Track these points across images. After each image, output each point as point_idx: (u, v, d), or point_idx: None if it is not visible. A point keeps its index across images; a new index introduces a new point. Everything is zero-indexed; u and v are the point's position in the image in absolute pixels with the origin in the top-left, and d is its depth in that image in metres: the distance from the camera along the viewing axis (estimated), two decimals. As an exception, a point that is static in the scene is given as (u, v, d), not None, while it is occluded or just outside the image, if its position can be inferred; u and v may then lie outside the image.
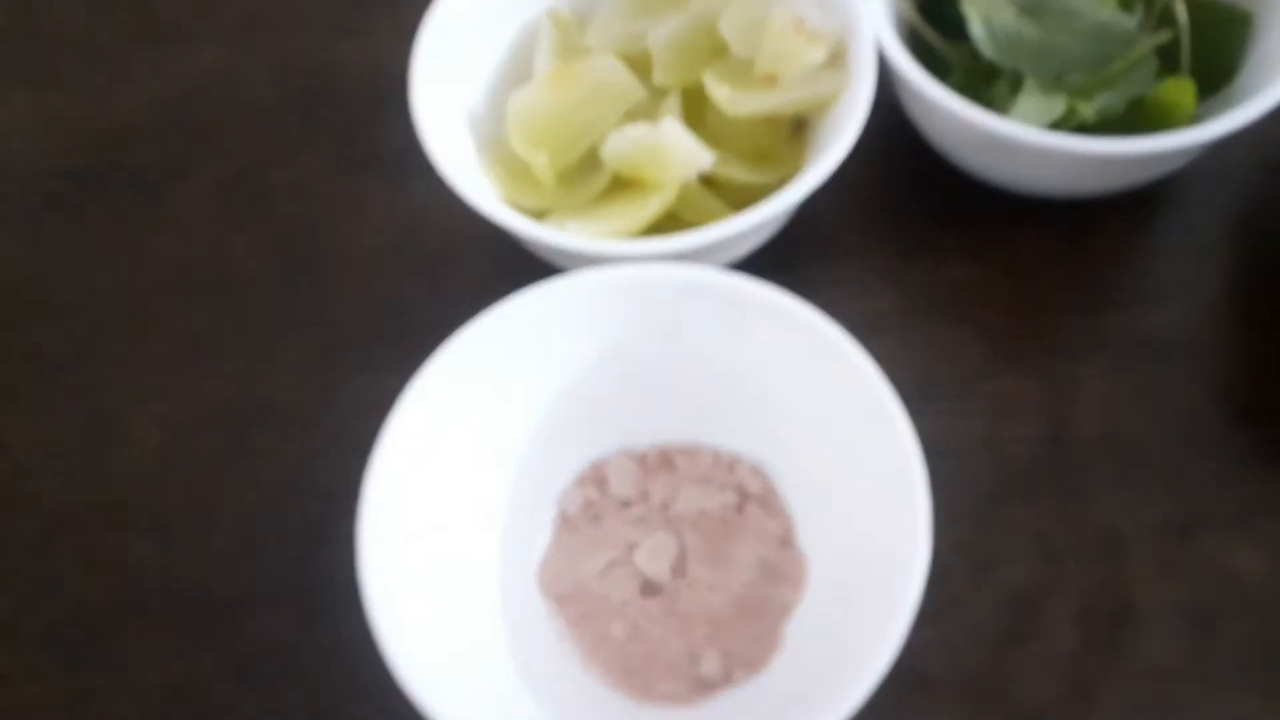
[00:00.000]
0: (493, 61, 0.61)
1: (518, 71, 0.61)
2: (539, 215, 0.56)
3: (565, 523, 0.53)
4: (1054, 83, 0.55)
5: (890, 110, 0.60)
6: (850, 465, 0.48)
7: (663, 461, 0.54)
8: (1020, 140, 0.53)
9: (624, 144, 0.54)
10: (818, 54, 0.55)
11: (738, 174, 0.57)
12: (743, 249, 0.57)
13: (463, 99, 0.59)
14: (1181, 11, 0.57)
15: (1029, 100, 0.55)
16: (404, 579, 0.46)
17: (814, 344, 0.48)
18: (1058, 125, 0.55)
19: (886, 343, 0.50)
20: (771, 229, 0.58)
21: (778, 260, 0.59)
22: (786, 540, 0.52)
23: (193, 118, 0.69)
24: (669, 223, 0.57)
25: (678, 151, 0.54)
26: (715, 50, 0.58)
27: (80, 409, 0.60)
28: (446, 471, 0.50)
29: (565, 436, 0.54)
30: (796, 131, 0.59)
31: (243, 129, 0.68)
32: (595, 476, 0.54)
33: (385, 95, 0.61)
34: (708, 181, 0.57)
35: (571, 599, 0.51)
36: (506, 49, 0.61)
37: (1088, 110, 0.55)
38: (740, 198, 0.55)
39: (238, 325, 0.62)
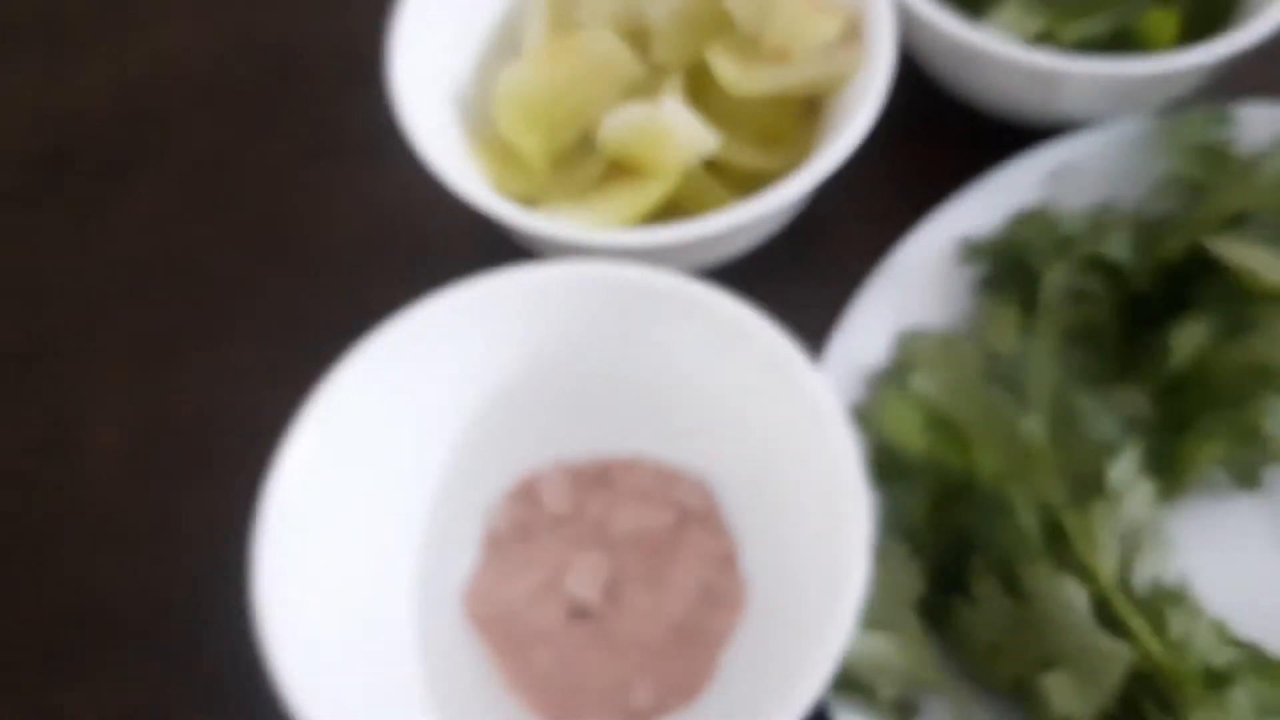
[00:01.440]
0: (478, 36, 0.57)
1: (506, 47, 0.57)
2: (529, 203, 0.53)
3: (493, 541, 0.50)
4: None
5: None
6: (794, 485, 0.46)
7: (600, 476, 0.51)
8: (987, 51, 0.52)
9: (621, 126, 0.51)
10: (831, 28, 0.51)
11: (744, 158, 0.53)
12: (746, 241, 0.54)
13: (446, 77, 0.55)
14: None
15: (1010, 12, 0.54)
16: (306, 603, 0.43)
17: (763, 356, 0.45)
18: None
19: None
20: (778, 221, 0.54)
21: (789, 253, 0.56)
22: (728, 562, 0.49)
23: (153, 101, 0.66)
24: (668, 211, 0.53)
25: (680, 134, 0.50)
26: (719, 25, 0.54)
27: (36, 411, 0.57)
28: (357, 486, 0.46)
29: (494, 448, 0.50)
30: (807, 112, 0.55)
31: (207, 112, 0.65)
32: (527, 491, 0.51)
33: (360, 73, 0.57)
34: (710, 167, 0.53)
35: (497, 623, 0.49)
36: (493, 22, 0.57)
37: (1067, 34, 0.53)
38: (745, 185, 0.51)
39: (204, 324, 0.59)
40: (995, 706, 0.46)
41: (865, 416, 0.49)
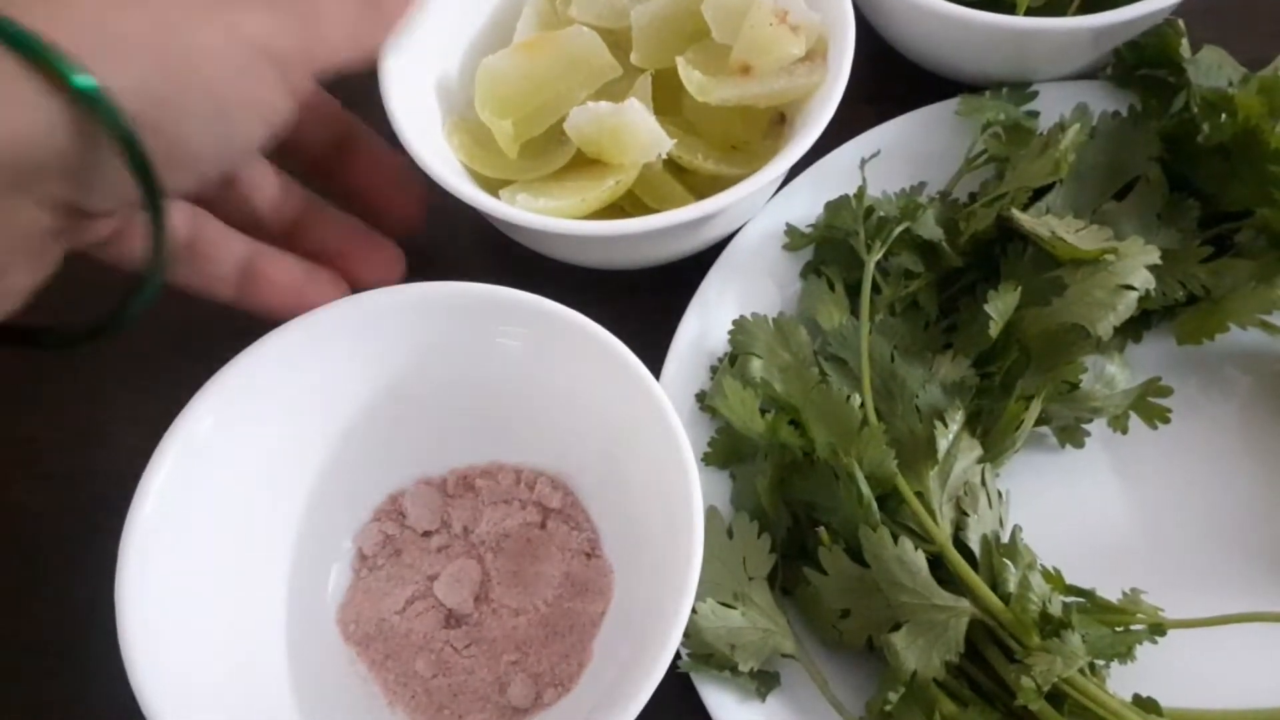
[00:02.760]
0: (476, 29, 0.58)
1: (502, 41, 0.57)
2: (499, 185, 0.54)
3: (363, 561, 0.51)
4: None
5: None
6: (639, 474, 0.47)
7: (463, 485, 0.52)
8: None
9: (585, 120, 0.52)
10: (797, 47, 0.53)
11: (706, 164, 0.54)
12: (698, 242, 0.55)
13: (438, 64, 0.56)
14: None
15: None
16: (174, 633, 0.43)
17: (602, 358, 0.47)
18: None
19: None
20: (732, 223, 0.55)
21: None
22: (592, 550, 0.50)
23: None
24: (631, 205, 0.54)
25: (638, 133, 0.51)
26: (696, 35, 0.55)
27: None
28: (222, 517, 0.46)
29: (359, 470, 0.51)
30: (776, 127, 0.56)
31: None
32: (393, 509, 0.51)
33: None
34: (677, 169, 0.54)
35: (374, 640, 0.49)
36: (492, 17, 0.58)
37: None
38: (712, 189, 0.51)
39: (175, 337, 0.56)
40: (851, 668, 0.48)
41: (711, 402, 0.51)
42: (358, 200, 0.53)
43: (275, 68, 0.41)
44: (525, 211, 0.50)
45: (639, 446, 0.46)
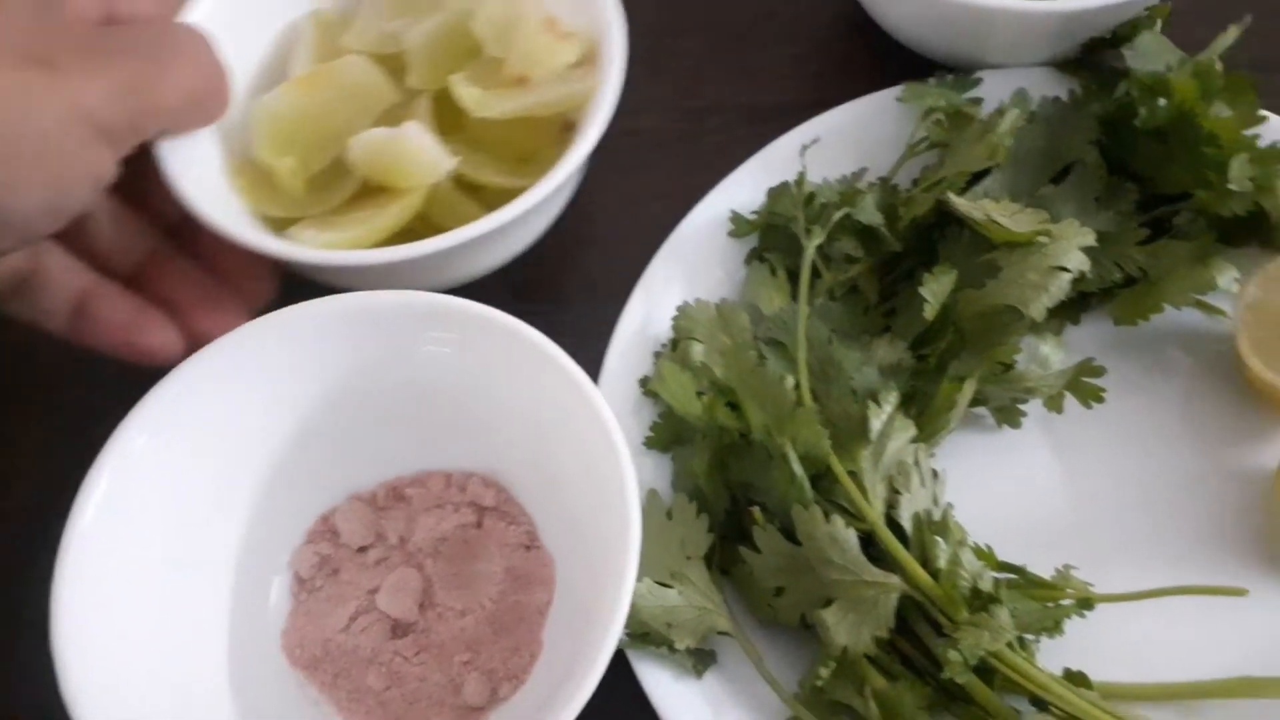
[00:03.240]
0: (253, 66, 0.57)
1: (280, 76, 0.57)
2: (286, 224, 0.53)
3: (301, 585, 0.51)
4: None
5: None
6: (572, 464, 0.48)
7: (393, 497, 0.52)
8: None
9: (364, 148, 0.52)
10: (569, 54, 0.53)
11: (497, 178, 0.54)
12: (504, 252, 0.55)
13: None
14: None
15: None
16: (115, 672, 0.43)
17: (533, 357, 0.47)
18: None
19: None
20: (532, 231, 0.56)
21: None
22: (531, 542, 0.51)
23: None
24: (426, 226, 0.53)
25: (418, 156, 0.51)
26: (471, 51, 0.55)
27: None
28: (157, 548, 0.46)
29: (291, 491, 0.51)
30: (565, 134, 0.55)
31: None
32: (325, 529, 0.52)
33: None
34: (471, 186, 0.54)
35: (322, 661, 0.49)
36: (267, 53, 0.58)
37: None
38: (507, 202, 0.51)
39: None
40: (787, 646, 0.49)
41: (652, 386, 0.52)
42: (208, 268, 0.53)
43: (108, 140, 0.43)
44: (301, 247, 0.50)
45: (571, 438, 0.47)
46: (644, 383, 0.53)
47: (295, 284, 0.52)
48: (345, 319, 0.48)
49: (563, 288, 0.60)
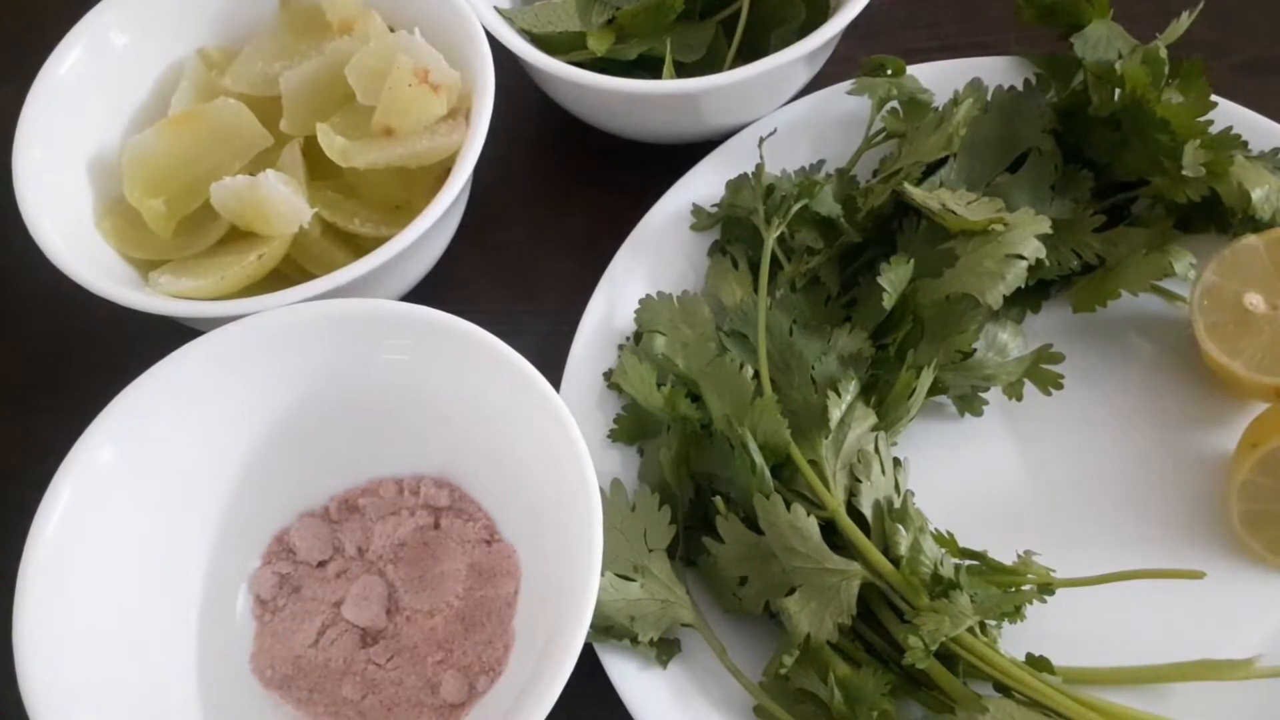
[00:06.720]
0: (132, 107, 0.57)
1: (161, 114, 0.56)
2: (155, 266, 0.53)
3: (264, 606, 0.51)
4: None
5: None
6: (528, 460, 0.48)
7: (346, 509, 0.52)
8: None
9: (226, 195, 0.51)
10: (440, 106, 0.53)
11: (365, 227, 0.54)
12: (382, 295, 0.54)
13: (90, 148, 0.55)
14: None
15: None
16: (73, 664, 0.43)
17: (488, 360, 0.47)
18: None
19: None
20: (405, 279, 0.55)
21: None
22: (491, 537, 0.51)
23: None
24: (295, 272, 0.53)
25: (277, 205, 0.51)
26: (346, 98, 0.54)
27: None
28: (120, 575, 0.46)
29: (242, 517, 0.50)
30: (441, 182, 0.54)
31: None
32: (281, 549, 0.51)
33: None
34: (344, 235, 0.54)
35: (294, 679, 0.49)
36: (153, 89, 0.57)
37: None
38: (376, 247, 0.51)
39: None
40: (752, 635, 0.49)
41: (615, 379, 0.52)
42: None
43: None
44: (147, 296, 0.50)
45: (528, 434, 0.47)
46: (609, 375, 0.53)
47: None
48: (313, 326, 0.48)
49: (530, 285, 0.60)
